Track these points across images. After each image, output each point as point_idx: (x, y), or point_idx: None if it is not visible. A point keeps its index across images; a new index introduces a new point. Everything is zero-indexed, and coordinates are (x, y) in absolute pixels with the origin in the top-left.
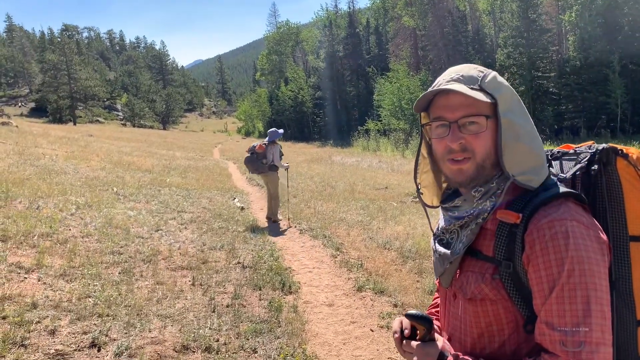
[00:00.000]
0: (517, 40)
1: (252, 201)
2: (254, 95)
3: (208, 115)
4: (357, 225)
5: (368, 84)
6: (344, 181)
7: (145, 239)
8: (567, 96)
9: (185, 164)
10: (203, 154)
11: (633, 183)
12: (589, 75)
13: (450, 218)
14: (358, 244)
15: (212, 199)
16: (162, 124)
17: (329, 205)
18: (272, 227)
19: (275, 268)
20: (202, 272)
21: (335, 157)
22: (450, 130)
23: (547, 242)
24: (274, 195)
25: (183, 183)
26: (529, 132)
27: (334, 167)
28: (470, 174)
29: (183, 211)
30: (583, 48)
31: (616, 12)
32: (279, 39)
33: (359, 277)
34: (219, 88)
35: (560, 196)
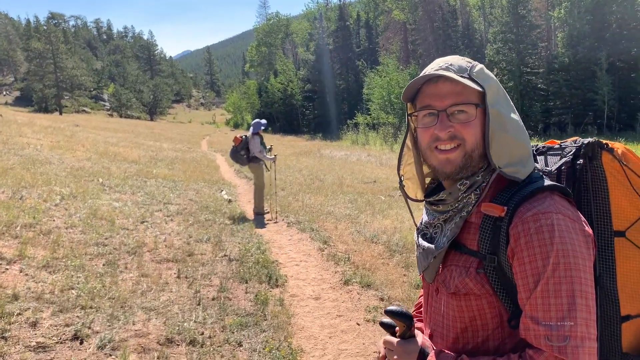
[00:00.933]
0: (506, 36)
1: (240, 194)
2: (243, 87)
3: (196, 107)
4: (345, 219)
5: (358, 77)
6: (333, 174)
7: (130, 231)
8: (555, 92)
9: (172, 155)
10: (191, 146)
11: (618, 178)
12: (577, 72)
13: (435, 212)
14: (346, 238)
15: (199, 191)
16: (150, 114)
17: (317, 199)
18: (260, 220)
19: (262, 261)
20: (188, 264)
21: (324, 151)
22: (438, 118)
23: (532, 235)
24: (257, 187)
25: (170, 175)
26: (516, 124)
27: (323, 161)
28: (459, 163)
29: (169, 203)
30: (571, 45)
31: (604, 10)
32: (268, 31)
33: (346, 271)
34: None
35: (546, 189)
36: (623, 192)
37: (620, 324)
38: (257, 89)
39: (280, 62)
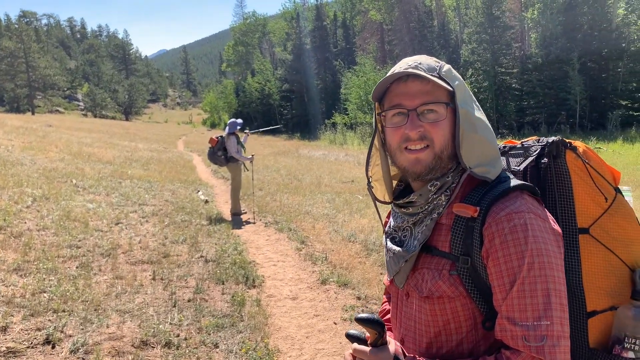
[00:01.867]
0: (481, 37)
1: (217, 194)
2: (220, 87)
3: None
4: (322, 219)
5: (335, 77)
6: (311, 174)
7: (104, 233)
8: (528, 92)
9: (147, 155)
10: (167, 146)
11: (581, 176)
12: (550, 72)
13: (404, 215)
14: (323, 237)
15: (175, 192)
16: (125, 114)
17: (295, 199)
18: (237, 221)
19: (239, 262)
20: (163, 266)
21: (302, 150)
22: (408, 118)
23: (507, 236)
24: (234, 187)
25: (145, 175)
26: (484, 124)
27: (301, 160)
28: (428, 163)
29: (144, 204)
30: (544, 45)
31: (576, 11)
32: (245, 30)
33: (323, 270)
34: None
35: (516, 189)
36: (586, 190)
37: (586, 319)
38: (235, 88)
39: (258, 62)
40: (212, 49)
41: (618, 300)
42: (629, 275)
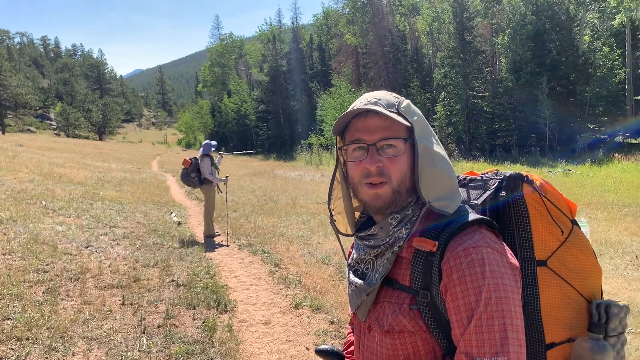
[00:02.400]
0: (453, 61)
1: (190, 215)
2: (196, 107)
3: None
4: (297, 240)
5: (311, 98)
6: (286, 195)
7: (73, 256)
8: (500, 115)
9: (120, 176)
10: (140, 166)
11: (538, 209)
12: (520, 95)
13: (366, 247)
14: (297, 260)
15: (147, 214)
16: (98, 134)
17: (269, 220)
18: (210, 243)
19: (211, 286)
20: (133, 290)
21: (278, 171)
22: (368, 153)
23: (465, 271)
24: (207, 209)
25: (117, 196)
26: (443, 158)
27: (277, 181)
28: (387, 198)
29: (116, 226)
30: (514, 70)
31: (544, 38)
32: (222, 52)
33: (297, 294)
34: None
35: (474, 223)
36: (543, 223)
37: (545, 352)
38: (211, 108)
39: (234, 83)
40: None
41: (576, 332)
42: (586, 307)
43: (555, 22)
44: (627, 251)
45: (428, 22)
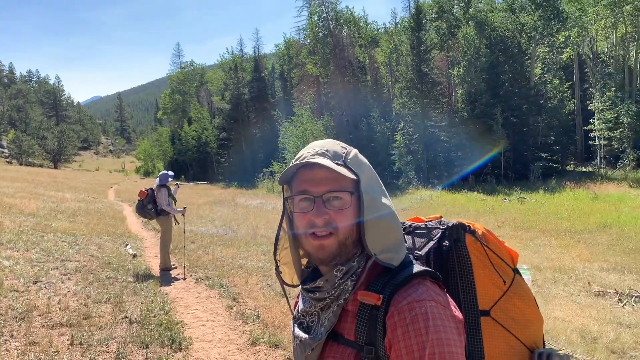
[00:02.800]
0: (411, 91)
1: (147, 247)
2: (155, 134)
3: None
4: (256, 272)
5: (273, 126)
6: (247, 224)
7: (20, 293)
8: (456, 144)
9: (75, 206)
10: (96, 195)
11: (480, 259)
12: (476, 125)
13: (311, 299)
14: (256, 293)
15: (101, 246)
16: (54, 162)
17: (228, 251)
18: (166, 276)
19: (165, 322)
20: (84, 329)
21: (239, 199)
22: (314, 204)
23: (408, 326)
24: (164, 241)
25: (71, 228)
26: (390, 210)
27: (238, 210)
28: (332, 250)
29: (67, 260)
30: (470, 101)
31: (498, 69)
32: (183, 79)
33: (254, 330)
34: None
35: (418, 275)
36: (485, 272)
37: None
38: (170, 136)
39: (195, 110)
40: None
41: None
42: (529, 356)
43: (507, 55)
44: (580, 277)
45: (387, 54)
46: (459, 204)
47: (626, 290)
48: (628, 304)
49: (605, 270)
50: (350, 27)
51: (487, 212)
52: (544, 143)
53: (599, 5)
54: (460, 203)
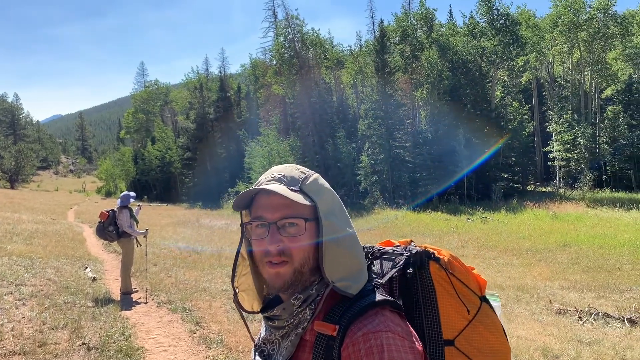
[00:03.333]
0: (376, 112)
1: (107, 270)
2: (118, 154)
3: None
4: (220, 295)
5: (239, 146)
6: (211, 246)
7: None
8: (421, 165)
9: (32, 228)
10: (55, 217)
11: (445, 287)
12: (439, 146)
13: (271, 327)
14: (220, 317)
15: (59, 269)
16: (10, 182)
17: (192, 274)
18: (127, 300)
19: (125, 349)
20: (38, 357)
21: (204, 220)
22: (269, 231)
23: (363, 358)
24: (125, 264)
25: (27, 251)
26: (350, 236)
27: (202, 231)
28: (288, 278)
29: (23, 284)
30: (433, 122)
31: (460, 92)
32: (147, 98)
33: (218, 355)
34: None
35: (377, 305)
36: (450, 301)
37: None
38: (133, 155)
39: (159, 130)
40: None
41: None
42: None
43: (469, 78)
44: (541, 296)
45: (352, 76)
46: (423, 223)
47: (586, 308)
48: (588, 322)
49: (565, 288)
50: (316, 49)
51: (451, 231)
52: (505, 164)
53: (555, 32)
54: (425, 223)
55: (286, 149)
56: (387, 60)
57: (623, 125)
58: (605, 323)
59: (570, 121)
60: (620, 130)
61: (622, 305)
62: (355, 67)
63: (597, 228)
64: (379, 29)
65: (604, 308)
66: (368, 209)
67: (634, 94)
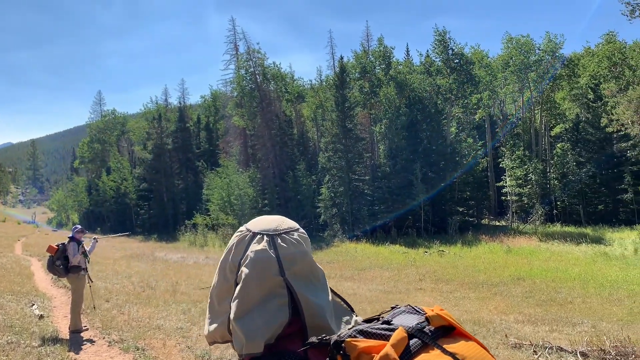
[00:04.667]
0: (336, 146)
1: (56, 307)
2: (71, 184)
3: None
4: (175, 334)
5: (197, 177)
6: (166, 280)
7: None
8: (379, 198)
9: None
10: (1, 249)
11: None
12: (397, 180)
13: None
14: (174, 356)
15: (3, 306)
16: None
17: (146, 311)
18: (76, 340)
19: None
20: None
21: (159, 253)
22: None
23: None
24: (75, 301)
25: None
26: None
27: (157, 264)
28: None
29: None
30: (391, 156)
31: (417, 127)
32: (103, 127)
33: None
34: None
35: None
36: None
37: None
38: (87, 186)
39: (115, 160)
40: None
41: None
42: None
43: (425, 114)
44: (497, 330)
45: (312, 109)
46: (382, 256)
47: (540, 342)
48: (542, 356)
49: (520, 322)
50: (277, 82)
51: (409, 265)
52: (460, 198)
53: (507, 72)
54: (384, 256)
55: (246, 180)
56: (347, 95)
57: (571, 162)
58: (559, 357)
59: (522, 157)
60: (568, 166)
61: (574, 339)
62: (315, 101)
63: (549, 262)
64: (339, 65)
65: (557, 342)
66: (328, 241)
67: (581, 133)
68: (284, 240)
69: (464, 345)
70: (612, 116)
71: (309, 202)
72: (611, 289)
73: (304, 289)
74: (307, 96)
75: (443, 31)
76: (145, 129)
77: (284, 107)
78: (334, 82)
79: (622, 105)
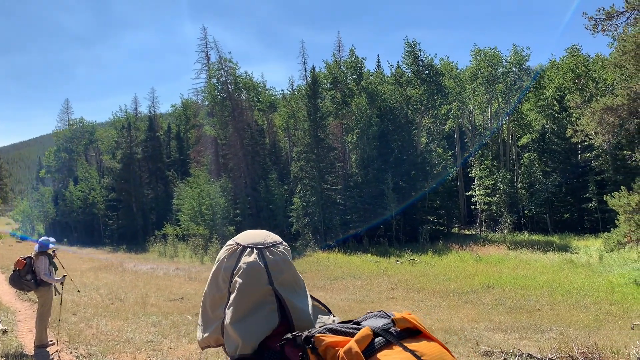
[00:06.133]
0: (308, 155)
1: (20, 321)
2: (37, 194)
3: None
4: (145, 347)
5: (167, 187)
6: (136, 292)
7: None
8: (351, 207)
9: None
10: None
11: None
12: (369, 189)
13: None
14: None
15: None
16: None
17: (115, 324)
18: (42, 355)
19: None
20: None
21: (128, 264)
22: None
23: None
24: (41, 314)
25: None
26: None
27: (126, 276)
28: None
29: None
30: (363, 166)
31: (388, 137)
32: (70, 136)
33: None
34: None
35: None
36: None
37: None
38: (54, 196)
39: (82, 169)
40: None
41: None
42: None
43: (396, 125)
44: (468, 338)
45: (285, 119)
46: (354, 266)
47: (510, 349)
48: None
49: (491, 330)
50: (249, 92)
51: (381, 274)
52: (430, 207)
53: (475, 83)
54: (356, 265)
55: (217, 190)
56: (319, 105)
57: (538, 172)
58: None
59: (490, 167)
60: (535, 176)
61: (543, 346)
62: (287, 110)
63: (517, 270)
64: (311, 75)
65: (527, 349)
66: (300, 251)
67: (547, 143)
68: (271, 252)
69: (425, 344)
70: (576, 127)
71: (281, 212)
72: (578, 296)
73: (290, 295)
74: (279, 106)
75: (413, 43)
76: (114, 138)
77: (256, 116)
78: (306, 92)
79: (586, 117)
